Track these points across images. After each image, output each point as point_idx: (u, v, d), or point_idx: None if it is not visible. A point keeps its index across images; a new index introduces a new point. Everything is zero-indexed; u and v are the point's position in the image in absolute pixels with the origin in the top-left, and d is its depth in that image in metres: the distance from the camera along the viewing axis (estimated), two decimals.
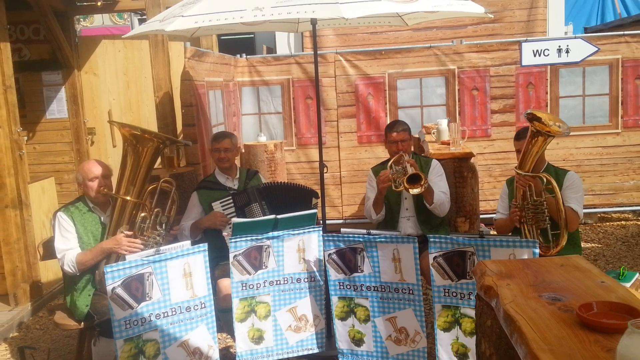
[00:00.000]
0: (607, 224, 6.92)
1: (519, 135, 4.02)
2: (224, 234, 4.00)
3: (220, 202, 4.14)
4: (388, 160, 4.42)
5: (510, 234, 4.03)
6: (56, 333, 4.67)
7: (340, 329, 3.67)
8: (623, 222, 6.97)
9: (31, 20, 6.71)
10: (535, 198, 3.75)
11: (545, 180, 3.71)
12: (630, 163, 6.72)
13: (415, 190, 3.91)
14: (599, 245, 6.13)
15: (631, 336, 1.33)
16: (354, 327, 3.65)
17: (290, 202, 4.13)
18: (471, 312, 3.29)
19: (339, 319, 3.66)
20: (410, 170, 3.93)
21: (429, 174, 4.28)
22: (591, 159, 6.69)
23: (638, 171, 6.73)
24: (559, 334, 1.57)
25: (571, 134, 6.17)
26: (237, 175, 4.37)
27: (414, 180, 3.90)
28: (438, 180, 4.29)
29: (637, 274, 4.53)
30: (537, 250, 3.14)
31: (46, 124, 6.92)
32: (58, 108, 6.88)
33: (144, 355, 3.08)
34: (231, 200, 4.14)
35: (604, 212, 7.00)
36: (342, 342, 3.69)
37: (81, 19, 12.21)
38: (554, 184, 3.66)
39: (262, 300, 3.59)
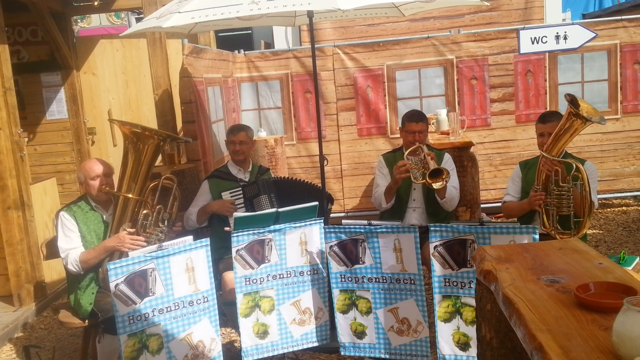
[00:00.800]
0: (608, 210, 6.92)
1: (545, 119, 3.96)
2: (227, 228, 4.02)
3: (230, 192, 4.19)
4: (399, 148, 4.42)
5: (516, 219, 4.03)
6: (61, 332, 4.70)
7: (342, 322, 3.66)
8: (624, 208, 6.97)
9: (29, 22, 6.73)
10: (561, 184, 3.72)
11: (574, 166, 3.68)
12: (631, 148, 6.72)
13: (437, 185, 3.93)
14: (600, 232, 6.14)
15: (627, 313, 1.35)
16: (355, 319, 3.65)
17: (299, 197, 4.15)
18: (472, 301, 3.28)
19: (340, 312, 3.65)
20: (433, 165, 3.95)
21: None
22: (591, 145, 6.69)
23: (638, 156, 6.73)
24: (557, 314, 1.59)
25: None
26: (250, 169, 4.41)
27: (435, 174, 3.92)
28: (450, 174, 4.29)
29: (638, 258, 4.54)
30: (537, 237, 3.15)
31: (46, 125, 6.94)
32: (58, 109, 6.90)
33: (148, 349, 3.10)
34: (241, 191, 4.19)
35: (605, 199, 7.00)
36: (344, 335, 3.67)
37: (79, 20, 12.22)
38: (584, 172, 3.63)
39: (266, 295, 3.59)
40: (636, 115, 6.64)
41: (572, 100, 3.59)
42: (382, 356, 3.62)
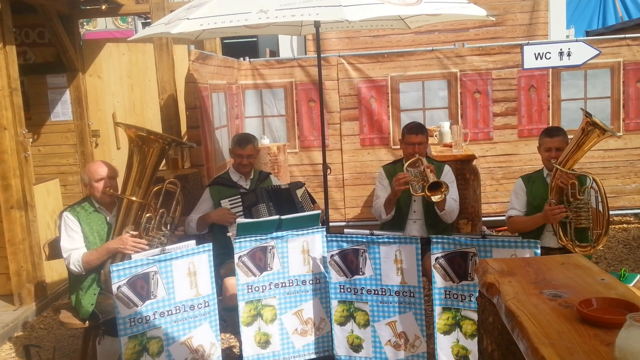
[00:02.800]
0: (609, 226, 6.92)
1: (552, 133, 4.00)
2: (229, 234, 4.03)
3: (229, 200, 4.20)
4: (400, 160, 4.44)
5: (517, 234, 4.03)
6: (61, 332, 4.71)
7: (339, 335, 3.64)
8: (625, 225, 6.99)
9: (36, 24, 6.77)
10: (578, 197, 3.73)
11: (591, 179, 3.71)
12: (632, 166, 6.74)
13: (436, 197, 3.93)
14: (601, 248, 6.11)
15: (629, 329, 1.37)
16: (352, 332, 3.62)
17: (296, 206, 4.18)
18: (472, 315, 3.30)
19: (337, 324, 3.63)
20: (432, 178, 3.95)
21: (441, 179, 4.29)
22: (593, 162, 6.71)
23: None
24: (560, 328, 1.60)
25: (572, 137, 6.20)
26: (251, 176, 4.42)
27: (434, 187, 3.93)
28: (450, 187, 4.30)
29: (638, 276, 4.56)
30: (539, 251, 3.17)
31: (51, 126, 6.97)
32: (62, 110, 6.93)
33: (148, 352, 3.11)
34: (240, 199, 4.20)
35: None
36: (340, 348, 3.65)
37: (85, 23, 12.27)
38: (600, 185, 3.66)
39: (268, 304, 3.59)
40: (638, 133, 6.67)
41: (587, 113, 3.65)
42: None
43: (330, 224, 5.44)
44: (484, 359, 2.12)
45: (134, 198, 3.62)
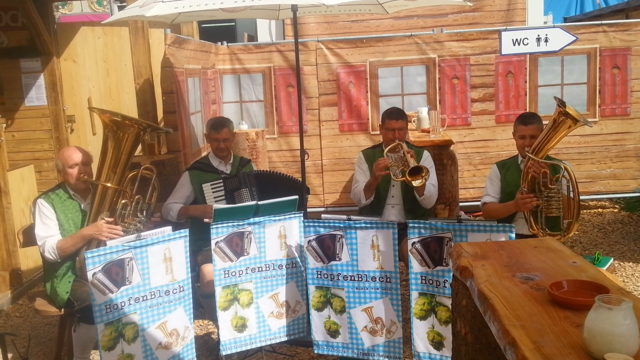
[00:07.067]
0: (584, 211, 7.02)
1: (526, 120, 3.97)
2: (206, 220, 4.01)
3: (211, 185, 4.18)
4: (379, 145, 4.44)
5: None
6: (36, 320, 4.66)
7: (317, 320, 3.66)
8: (600, 210, 7.08)
9: (9, 7, 6.61)
10: (549, 186, 3.74)
11: (563, 168, 3.72)
12: (607, 151, 6.82)
13: (417, 182, 3.96)
14: (576, 232, 6.21)
15: (598, 310, 1.38)
16: (329, 318, 3.64)
17: (279, 191, 4.16)
18: (446, 301, 3.31)
19: (315, 309, 3.65)
20: (412, 163, 3.97)
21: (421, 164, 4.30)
22: (569, 147, 6.78)
23: (615, 159, 6.84)
24: (531, 310, 1.62)
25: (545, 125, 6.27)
26: (231, 161, 4.40)
27: (414, 171, 3.95)
28: (429, 172, 4.30)
29: (612, 259, 4.63)
30: (513, 235, 3.19)
31: (25, 112, 6.83)
32: (37, 95, 6.80)
33: (124, 338, 3.09)
34: (222, 184, 4.19)
35: (581, 200, 7.08)
36: (318, 333, 3.67)
37: (60, 6, 12.04)
38: (572, 173, 3.67)
39: (245, 288, 3.59)
40: (614, 118, 6.74)
41: (561, 102, 3.66)
42: (355, 357, 3.62)
43: (309, 209, 5.44)
44: (458, 341, 2.13)
45: (108, 184, 3.58)
